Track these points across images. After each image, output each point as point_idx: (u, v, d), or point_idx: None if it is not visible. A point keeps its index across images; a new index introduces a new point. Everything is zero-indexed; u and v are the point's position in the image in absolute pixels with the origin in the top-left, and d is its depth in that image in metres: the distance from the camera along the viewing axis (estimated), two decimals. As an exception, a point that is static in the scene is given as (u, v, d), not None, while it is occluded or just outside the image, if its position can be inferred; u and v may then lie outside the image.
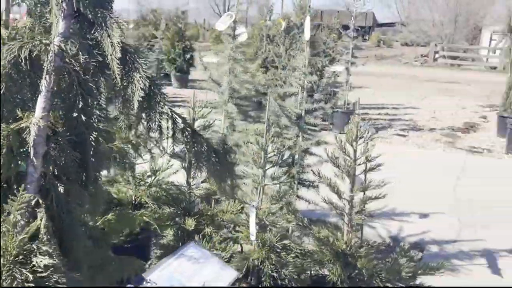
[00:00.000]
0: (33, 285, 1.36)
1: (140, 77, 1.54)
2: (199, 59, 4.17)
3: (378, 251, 4.04)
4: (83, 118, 1.55)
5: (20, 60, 1.41)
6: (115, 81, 1.53)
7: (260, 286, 2.57)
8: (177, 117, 1.74)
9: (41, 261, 1.39)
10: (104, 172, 2.34)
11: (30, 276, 1.36)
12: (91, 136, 1.60)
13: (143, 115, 1.67)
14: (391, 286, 2.62)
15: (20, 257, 1.39)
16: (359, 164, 2.71)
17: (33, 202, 1.46)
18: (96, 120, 1.59)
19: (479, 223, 4.46)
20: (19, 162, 1.49)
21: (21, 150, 1.47)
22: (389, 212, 4.68)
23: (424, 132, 8.69)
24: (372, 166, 2.68)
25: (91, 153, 1.63)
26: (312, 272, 2.78)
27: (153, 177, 3.19)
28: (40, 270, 1.38)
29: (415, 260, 2.77)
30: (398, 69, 21.07)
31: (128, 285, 1.92)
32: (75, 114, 1.54)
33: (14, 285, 1.34)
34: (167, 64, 12.74)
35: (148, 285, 1.89)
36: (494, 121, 9.00)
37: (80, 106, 1.52)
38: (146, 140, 2.97)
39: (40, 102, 1.49)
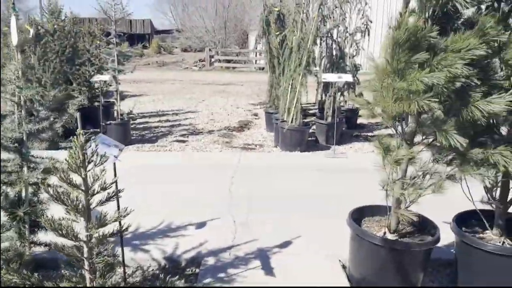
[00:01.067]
0: None
1: None
2: None
3: (153, 278, 3.63)
4: None
5: None
6: None
7: None
8: None
9: None
10: None
11: None
12: None
13: None
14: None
15: None
16: (94, 194, 2.21)
17: None
18: None
19: (254, 222, 4.49)
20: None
21: None
22: (165, 229, 4.32)
23: (203, 135, 8.74)
24: (110, 195, 2.22)
25: None
26: None
27: None
28: None
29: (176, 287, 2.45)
30: (178, 74, 21.36)
31: None
32: None
33: None
34: None
35: None
36: (264, 118, 9.68)
37: None
38: None
39: None
